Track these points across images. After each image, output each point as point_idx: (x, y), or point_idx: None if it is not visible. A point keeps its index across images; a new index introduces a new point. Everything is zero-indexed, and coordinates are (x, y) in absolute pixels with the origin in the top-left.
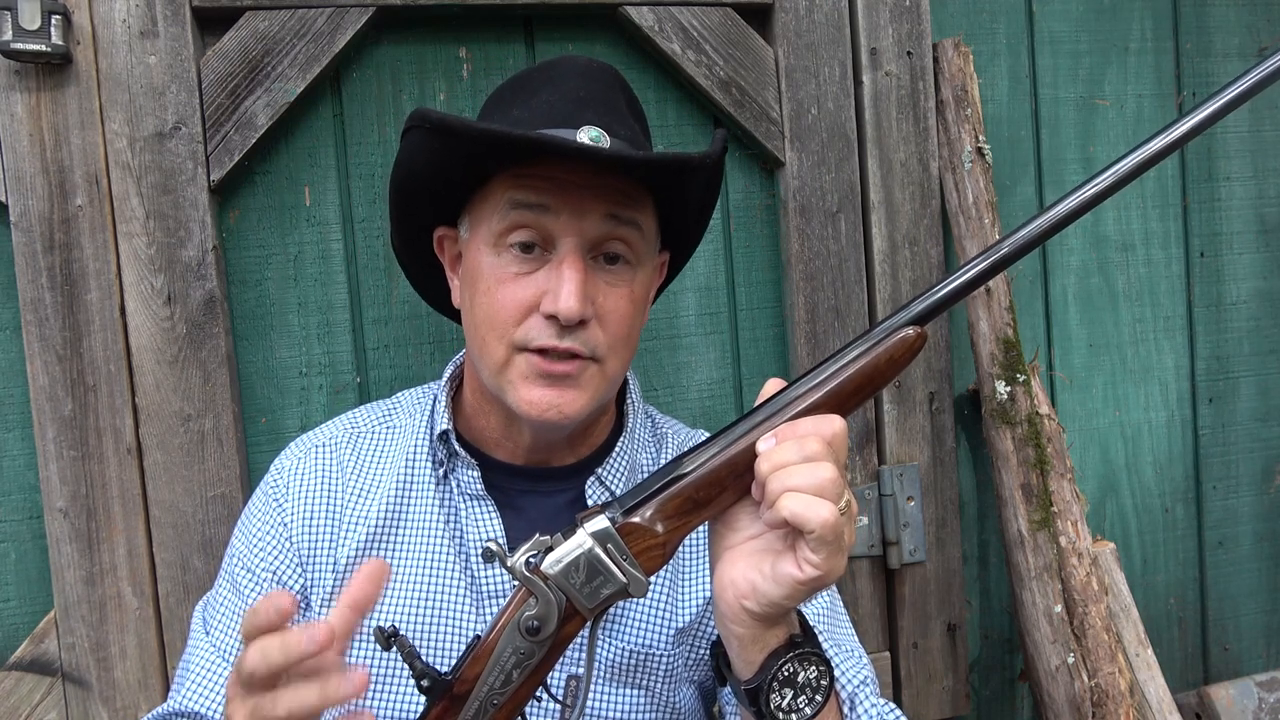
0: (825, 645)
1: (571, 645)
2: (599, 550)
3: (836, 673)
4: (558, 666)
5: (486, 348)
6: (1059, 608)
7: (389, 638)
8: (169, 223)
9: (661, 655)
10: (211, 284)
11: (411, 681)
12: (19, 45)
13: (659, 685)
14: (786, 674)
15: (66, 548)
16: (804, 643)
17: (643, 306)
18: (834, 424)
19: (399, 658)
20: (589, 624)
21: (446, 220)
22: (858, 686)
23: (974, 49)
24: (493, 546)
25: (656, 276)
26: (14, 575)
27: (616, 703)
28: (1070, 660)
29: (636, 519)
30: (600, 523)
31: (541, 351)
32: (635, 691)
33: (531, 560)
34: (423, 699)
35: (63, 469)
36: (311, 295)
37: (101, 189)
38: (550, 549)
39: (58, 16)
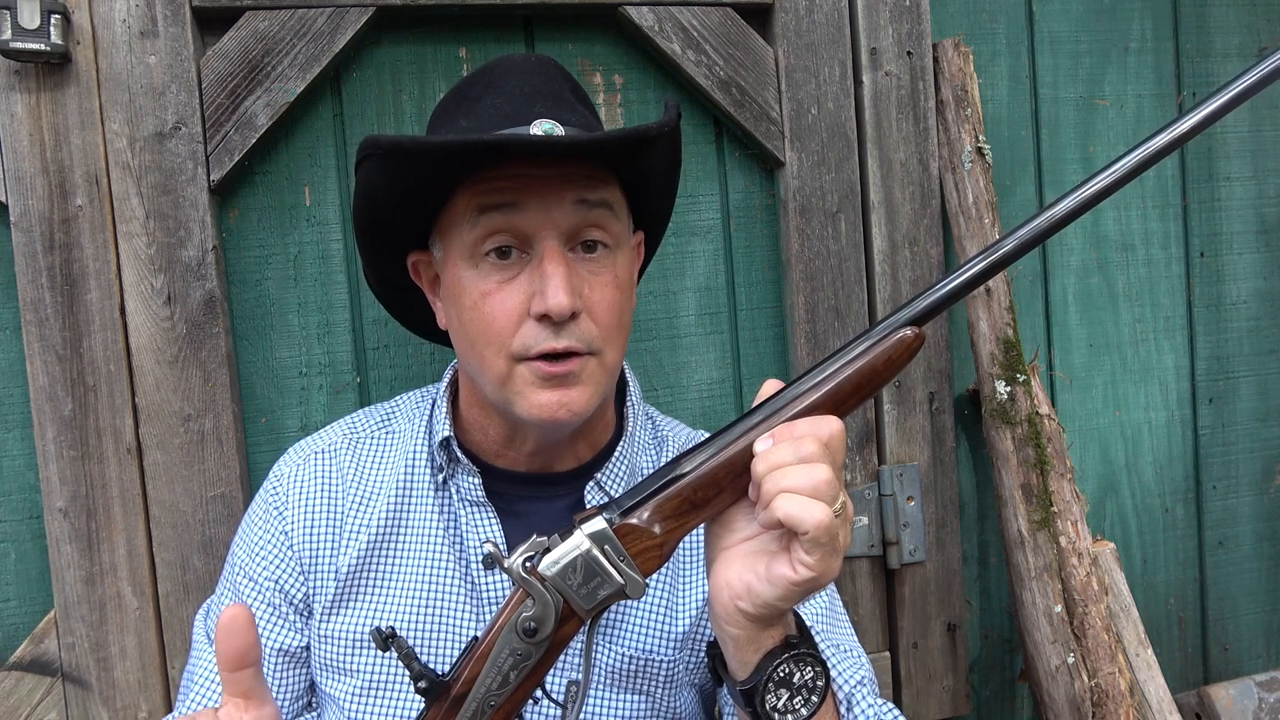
0: (822, 646)
1: (570, 648)
2: (596, 551)
3: (833, 673)
4: (559, 671)
5: (485, 363)
6: (1059, 608)
7: (386, 639)
8: (169, 223)
9: (662, 661)
10: (211, 284)
11: (411, 685)
12: (18, 45)
13: (659, 690)
14: (782, 675)
15: (66, 548)
16: (799, 644)
17: (629, 290)
18: (831, 425)
19: (398, 660)
20: (586, 626)
21: (417, 244)
22: (855, 686)
23: (974, 49)
24: (491, 548)
25: (636, 258)
26: (14, 575)
27: (617, 708)
28: (1070, 660)
29: (634, 520)
30: (597, 524)
31: (542, 357)
32: (635, 696)
33: (529, 562)
34: (421, 701)
35: (63, 469)
36: (311, 295)
37: (101, 189)
38: (548, 550)
39: (57, 16)
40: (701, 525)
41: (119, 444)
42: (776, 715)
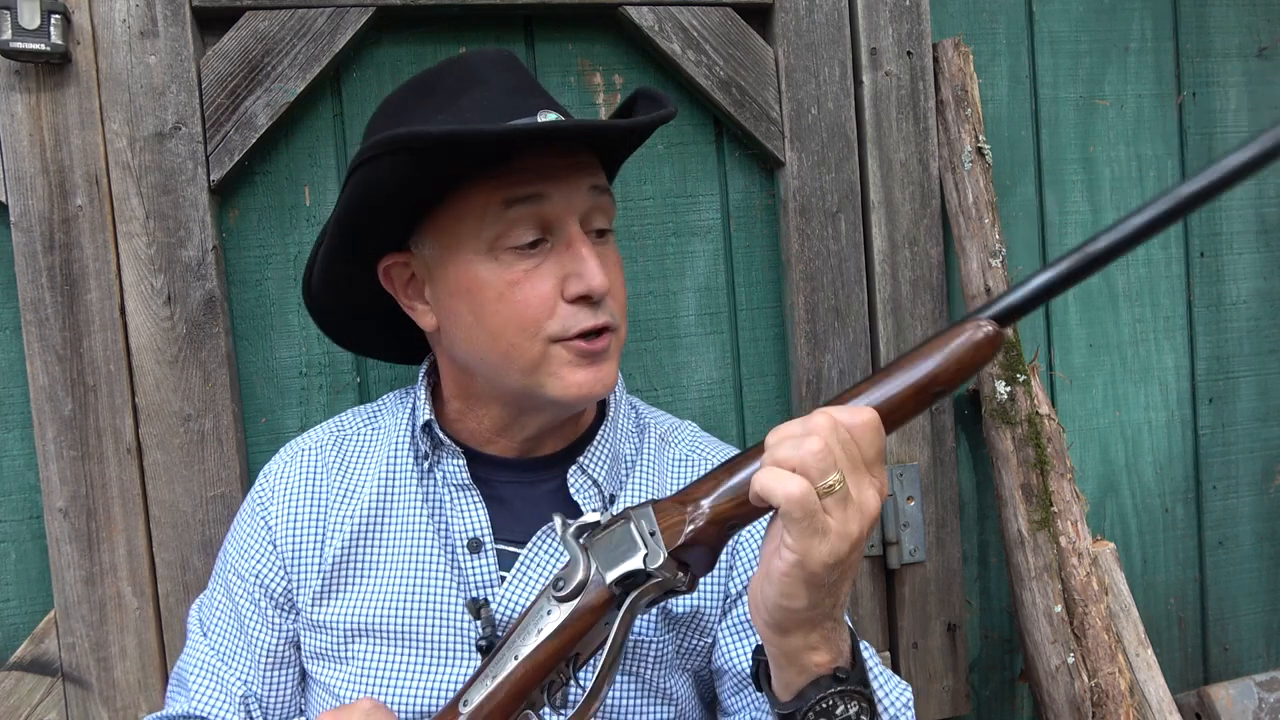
0: (874, 673)
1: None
2: (630, 524)
3: (880, 694)
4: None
5: (515, 351)
6: (1059, 608)
7: (479, 608)
8: (169, 223)
9: (650, 641)
10: (211, 284)
11: (416, 680)
12: (19, 45)
13: (649, 671)
14: (824, 707)
15: (66, 548)
16: (848, 679)
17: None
18: (858, 412)
19: (404, 657)
20: (622, 610)
21: (391, 247)
22: (901, 709)
23: (974, 49)
24: (557, 519)
25: None
26: (14, 575)
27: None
28: (1070, 660)
29: (669, 499)
30: (642, 505)
31: (581, 336)
32: (624, 678)
33: (579, 530)
34: (416, 694)
35: (63, 469)
36: None
37: (101, 189)
38: (598, 524)
39: (57, 16)
40: (738, 513)
41: (119, 444)
42: None
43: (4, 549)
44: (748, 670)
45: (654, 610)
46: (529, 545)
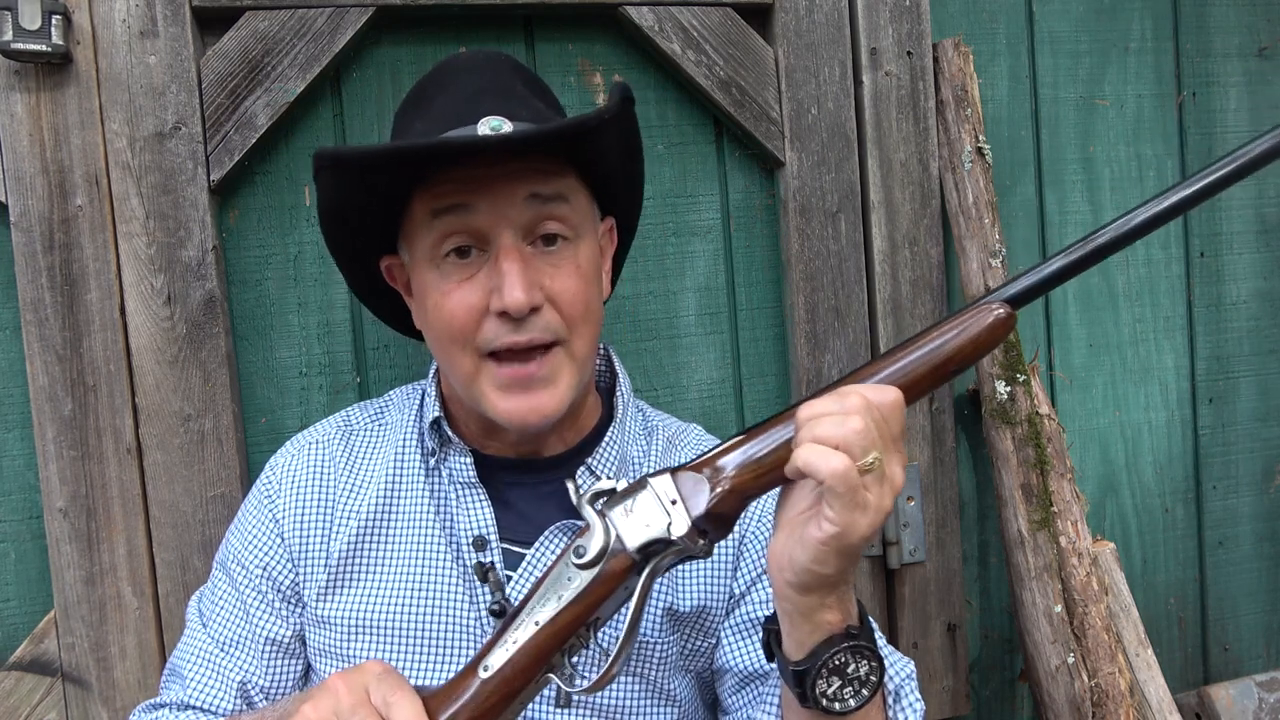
0: (882, 652)
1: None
2: (651, 492)
3: (887, 665)
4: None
5: (453, 361)
6: (1059, 608)
7: (487, 571)
8: (169, 223)
9: (655, 643)
10: (211, 284)
11: (420, 679)
12: (19, 45)
13: (653, 673)
14: (837, 663)
15: (66, 548)
16: (860, 635)
17: (595, 278)
18: (886, 392)
19: (408, 655)
20: (643, 575)
21: (388, 249)
22: (904, 680)
23: (974, 49)
24: (570, 485)
25: (608, 245)
26: (14, 575)
27: (611, 689)
28: (1070, 660)
29: (689, 469)
30: (660, 473)
31: (506, 353)
32: (629, 679)
33: (597, 498)
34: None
35: (63, 469)
36: (311, 295)
37: (101, 189)
38: (614, 491)
39: (58, 16)
40: (754, 480)
41: (119, 444)
42: (824, 701)
43: (4, 549)
44: (749, 669)
45: (660, 612)
46: (536, 546)
